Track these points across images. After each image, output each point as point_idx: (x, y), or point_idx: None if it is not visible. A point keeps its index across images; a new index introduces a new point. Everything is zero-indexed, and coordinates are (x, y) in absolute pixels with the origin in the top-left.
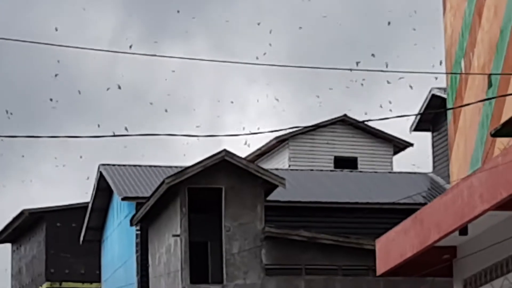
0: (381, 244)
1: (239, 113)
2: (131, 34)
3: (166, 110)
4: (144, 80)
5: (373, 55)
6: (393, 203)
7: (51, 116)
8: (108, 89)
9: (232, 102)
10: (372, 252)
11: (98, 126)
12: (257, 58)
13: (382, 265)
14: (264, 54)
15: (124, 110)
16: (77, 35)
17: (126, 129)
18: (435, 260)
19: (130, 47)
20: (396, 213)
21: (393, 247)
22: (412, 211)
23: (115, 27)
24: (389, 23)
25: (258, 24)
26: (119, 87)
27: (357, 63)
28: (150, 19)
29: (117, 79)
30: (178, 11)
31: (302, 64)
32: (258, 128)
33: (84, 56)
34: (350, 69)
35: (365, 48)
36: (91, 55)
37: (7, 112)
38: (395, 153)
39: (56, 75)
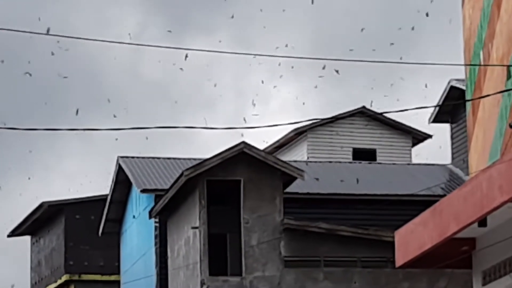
0: (400, 236)
1: (261, 106)
2: (152, 31)
3: (175, 102)
4: (167, 74)
5: (392, 43)
6: (412, 195)
7: (73, 110)
8: (130, 84)
9: (255, 96)
10: (391, 244)
11: (114, 116)
12: (277, 48)
13: (401, 257)
14: (286, 45)
15: (148, 105)
16: (98, 33)
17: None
18: (454, 251)
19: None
20: (415, 205)
21: (412, 239)
22: (431, 203)
23: (136, 24)
24: (413, 28)
25: (283, 10)
26: (142, 83)
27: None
28: (172, 15)
29: (140, 74)
30: (200, 7)
31: (324, 57)
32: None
33: (108, 52)
34: (370, 61)
35: (385, 41)
36: (115, 51)
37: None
38: (414, 144)
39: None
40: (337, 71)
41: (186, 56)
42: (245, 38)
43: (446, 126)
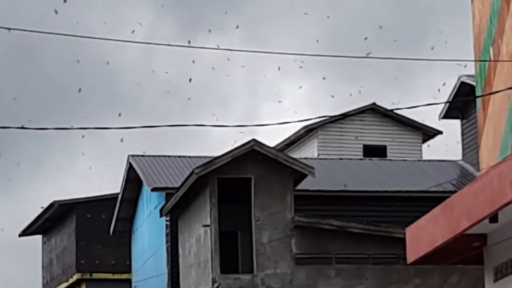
0: (411, 232)
1: (273, 103)
2: (165, 30)
3: (188, 99)
4: (180, 74)
5: (395, 40)
6: (423, 191)
7: (86, 110)
8: (143, 84)
9: (266, 94)
10: (402, 241)
11: (119, 115)
12: (288, 45)
13: (412, 254)
14: (301, 41)
15: (161, 104)
16: (111, 33)
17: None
18: (466, 248)
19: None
20: (426, 201)
21: (423, 235)
22: (442, 199)
23: (149, 24)
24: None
25: (293, 7)
26: (155, 81)
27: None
28: (184, 14)
29: (153, 73)
30: (212, 7)
31: (336, 54)
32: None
33: (121, 52)
34: (380, 58)
35: (397, 37)
36: (128, 50)
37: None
38: (424, 141)
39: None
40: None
41: (193, 62)
42: (256, 36)
43: (457, 122)
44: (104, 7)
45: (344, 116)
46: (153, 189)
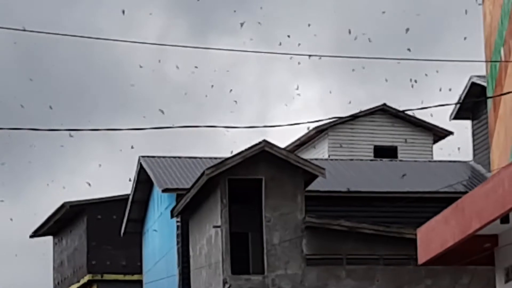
0: (422, 233)
1: (284, 104)
2: (177, 32)
3: (206, 95)
4: (192, 75)
5: (409, 49)
6: (434, 192)
7: (97, 111)
8: (155, 86)
9: (278, 95)
10: (413, 242)
11: (144, 117)
12: (299, 44)
13: (423, 254)
14: (312, 42)
15: (172, 105)
16: (123, 35)
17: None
18: (477, 248)
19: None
20: (436, 202)
21: (434, 236)
22: (453, 200)
23: (161, 26)
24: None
25: (303, 7)
26: (167, 84)
27: (408, 49)
28: (195, 16)
29: (165, 75)
30: (224, 7)
31: (347, 55)
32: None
33: (133, 54)
34: (391, 58)
35: (408, 39)
36: (140, 52)
37: (50, 107)
38: (435, 141)
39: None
40: (363, 67)
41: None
42: (268, 37)
43: (468, 123)
44: (115, 8)
45: (355, 117)
46: (164, 190)
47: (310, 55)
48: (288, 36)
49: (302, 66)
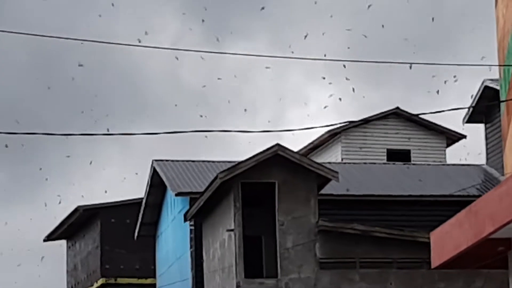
0: (435, 237)
1: (299, 109)
2: (191, 37)
3: (228, 101)
4: (207, 79)
5: (415, 50)
6: (447, 196)
7: (112, 116)
8: (171, 91)
9: (292, 99)
10: (427, 245)
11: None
12: (323, 54)
13: (436, 258)
14: (325, 55)
15: (187, 110)
16: (137, 40)
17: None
18: (490, 252)
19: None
20: (450, 206)
21: (447, 240)
22: (466, 203)
23: (176, 31)
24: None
25: (315, 2)
26: (182, 89)
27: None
28: (210, 21)
29: (180, 80)
30: (239, 13)
31: (361, 59)
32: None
33: (147, 59)
34: (405, 63)
35: (421, 42)
36: (155, 57)
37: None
38: (448, 145)
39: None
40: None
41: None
42: (283, 42)
43: (481, 126)
44: (130, 15)
45: (367, 121)
46: (177, 194)
47: (324, 59)
48: (305, 37)
49: (317, 70)
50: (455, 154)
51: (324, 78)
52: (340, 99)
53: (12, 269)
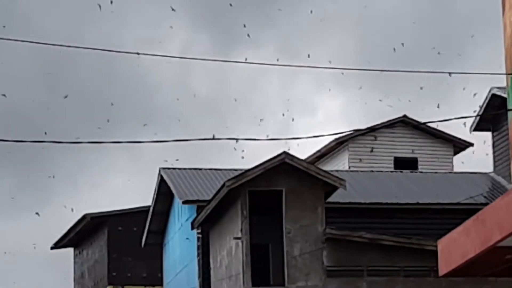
0: (443, 245)
1: (308, 117)
2: (200, 46)
3: (235, 99)
4: (216, 88)
5: (438, 52)
6: (455, 204)
7: (122, 125)
8: (179, 99)
9: (300, 107)
10: (434, 253)
11: (144, 124)
12: (329, 62)
13: (444, 266)
14: (330, 62)
15: (196, 118)
16: (147, 49)
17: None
18: (498, 260)
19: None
20: (457, 214)
21: (455, 248)
22: (474, 211)
23: (184, 40)
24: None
25: (323, 20)
26: (190, 97)
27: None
28: (218, 30)
29: (188, 88)
30: (247, 21)
31: (369, 67)
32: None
33: (156, 68)
34: (411, 71)
35: (429, 50)
36: (164, 66)
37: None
38: (456, 153)
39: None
40: (421, 88)
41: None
42: (291, 50)
43: (488, 134)
44: (141, 25)
45: (374, 129)
46: (185, 202)
47: (332, 68)
48: (308, 55)
49: (324, 78)
50: (462, 162)
51: (330, 90)
52: (348, 107)
53: (20, 277)
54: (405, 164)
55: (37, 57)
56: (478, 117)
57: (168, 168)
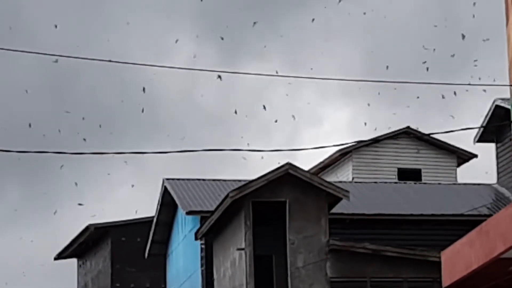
0: (446, 256)
1: (314, 128)
2: (206, 58)
3: (235, 110)
4: (222, 100)
5: (427, 68)
6: (458, 215)
7: (128, 136)
8: (185, 111)
9: (307, 118)
10: (438, 264)
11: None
12: (337, 74)
13: (447, 277)
14: (341, 65)
15: (201, 130)
16: (153, 61)
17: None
18: (501, 271)
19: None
20: (461, 225)
21: (458, 259)
22: (477, 222)
23: (190, 52)
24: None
25: (330, 32)
26: (196, 109)
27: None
28: (225, 41)
29: (194, 100)
30: (253, 33)
31: (375, 79)
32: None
33: (163, 80)
34: (417, 83)
35: (436, 62)
36: (170, 78)
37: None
38: (459, 164)
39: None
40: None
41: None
42: (297, 61)
43: (492, 146)
44: (146, 35)
45: (378, 141)
46: (188, 213)
47: (338, 79)
48: (312, 69)
49: (330, 89)
50: (466, 173)
51: (336, 100)
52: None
53: (23, 287)
54: (409, 175)
55: (42, 67)
56: (481, 129)
57: (172, 179)
